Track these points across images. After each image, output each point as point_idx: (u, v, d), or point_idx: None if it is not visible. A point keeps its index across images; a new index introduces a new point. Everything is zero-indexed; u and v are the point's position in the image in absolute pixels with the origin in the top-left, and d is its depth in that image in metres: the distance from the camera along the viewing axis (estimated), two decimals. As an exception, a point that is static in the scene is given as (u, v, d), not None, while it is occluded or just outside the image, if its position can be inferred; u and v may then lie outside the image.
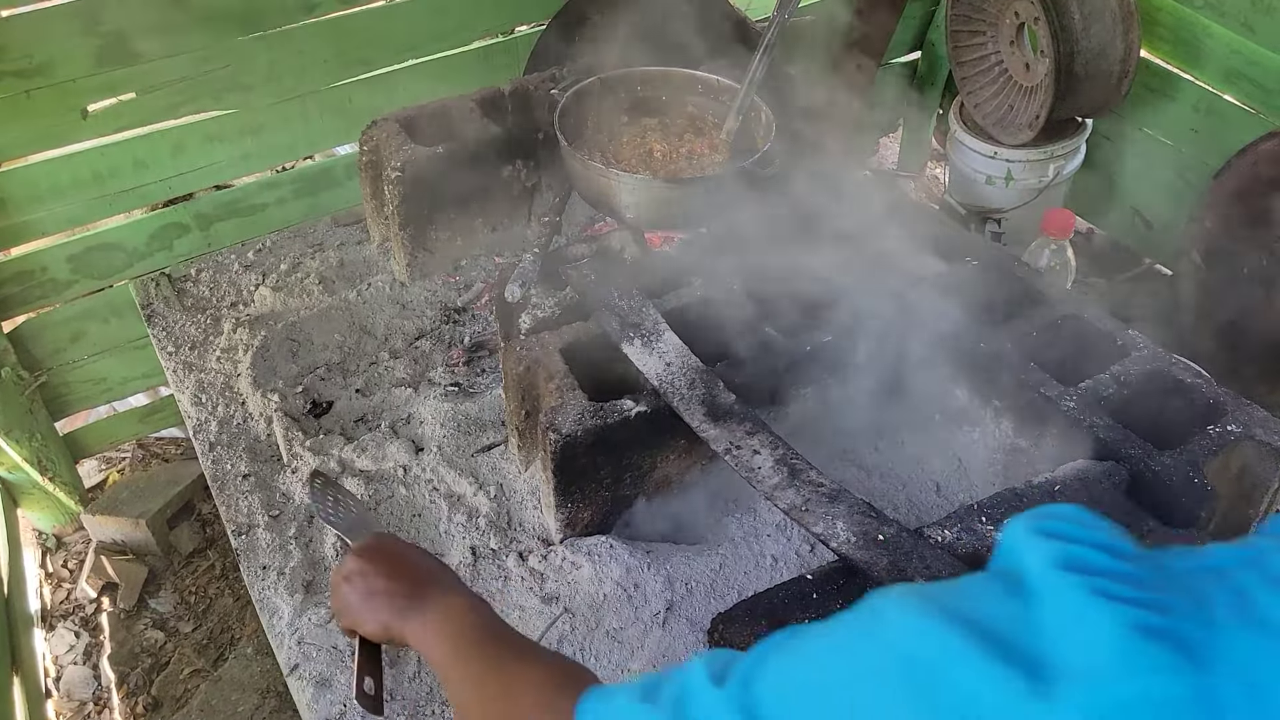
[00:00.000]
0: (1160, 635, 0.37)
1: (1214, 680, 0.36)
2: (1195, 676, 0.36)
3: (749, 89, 1.60)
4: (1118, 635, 0.37)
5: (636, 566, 1.34)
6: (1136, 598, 0.38)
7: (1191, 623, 0.38)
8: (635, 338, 1.35)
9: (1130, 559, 0.41)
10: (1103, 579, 0.39)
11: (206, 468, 1.54)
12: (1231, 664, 0.36)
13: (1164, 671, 0.36)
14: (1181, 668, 0.36)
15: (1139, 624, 0.37)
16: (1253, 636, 0.37)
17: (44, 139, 2.03)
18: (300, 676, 1.26)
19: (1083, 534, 0.42)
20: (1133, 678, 0.36)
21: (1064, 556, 0.41)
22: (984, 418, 1.40)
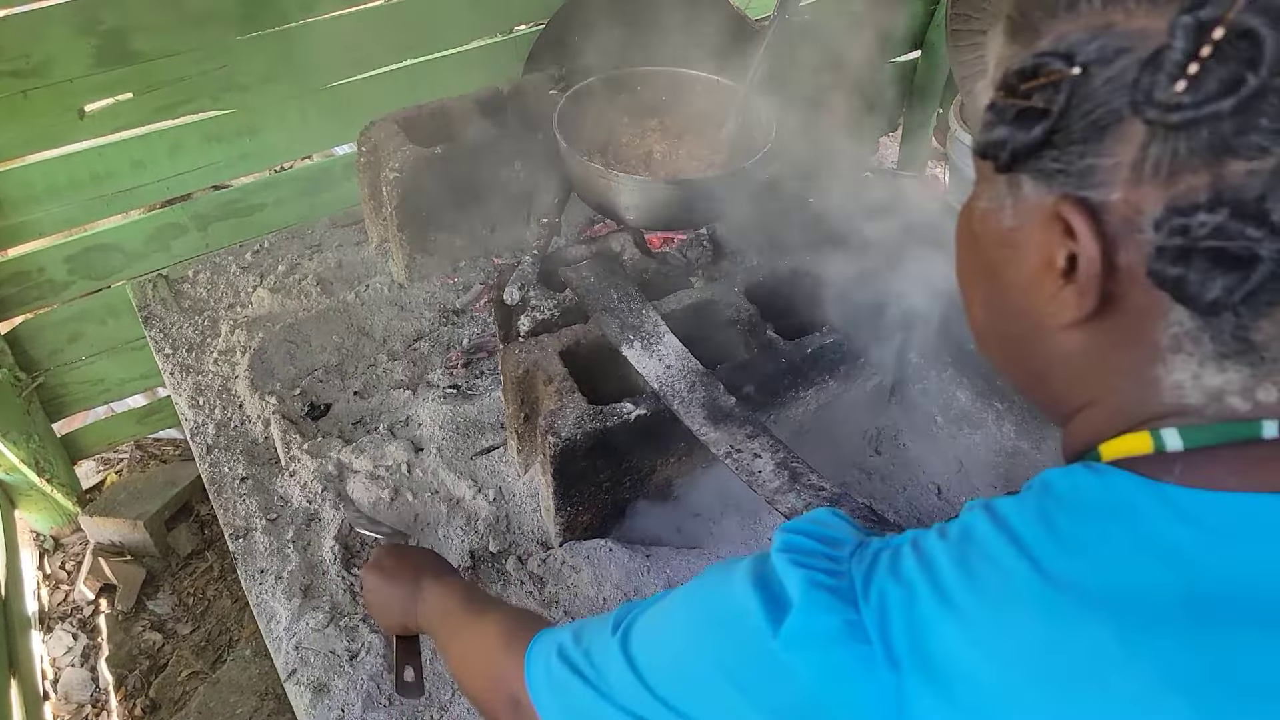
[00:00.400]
0: (827, 589, 0.56)
1: (859, 615, 0.54)
2: (845, 613, 0.55)
3: (749, 88, 1.59)
4: (802, 588, 0.56)
5: (636, 570, 1.33)
6: (819, 565, 0.58)
7: (853, 580, 0.56)
8: (635, 340, 1.34)
9: (830, 544, 0.60)
10: (799, 554, 0.59)
11: (204, 470, 1.53)
12: (870, 604, 0.55)
13: (825, 610, 0.55)
14: (835, 607, 0.55)
15: (814, 581, 0.57)
16: (890, 584, 0.55)
17: (41, 139, 2.02)
18: (298, 682, 1.26)
19: (808, 528, 0.61)
20: (807, 614, 0.56)
21: (784, 543, 0.60)
22: (986, 420, 1.39)
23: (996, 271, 0.60)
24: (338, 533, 1.40)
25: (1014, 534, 0.53)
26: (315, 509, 1.44)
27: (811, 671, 0.55)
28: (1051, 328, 0.57)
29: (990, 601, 0.51)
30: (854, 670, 0.54)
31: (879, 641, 0.53)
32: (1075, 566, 0.51)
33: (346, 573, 1.36)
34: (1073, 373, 0.58)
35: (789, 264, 1.49)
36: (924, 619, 0.53)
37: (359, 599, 1.34)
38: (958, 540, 0.55)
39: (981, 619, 0.51)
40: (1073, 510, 0.53)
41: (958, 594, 0.52)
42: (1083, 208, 0.51)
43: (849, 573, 0.57)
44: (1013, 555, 0.52)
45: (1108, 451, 0.56)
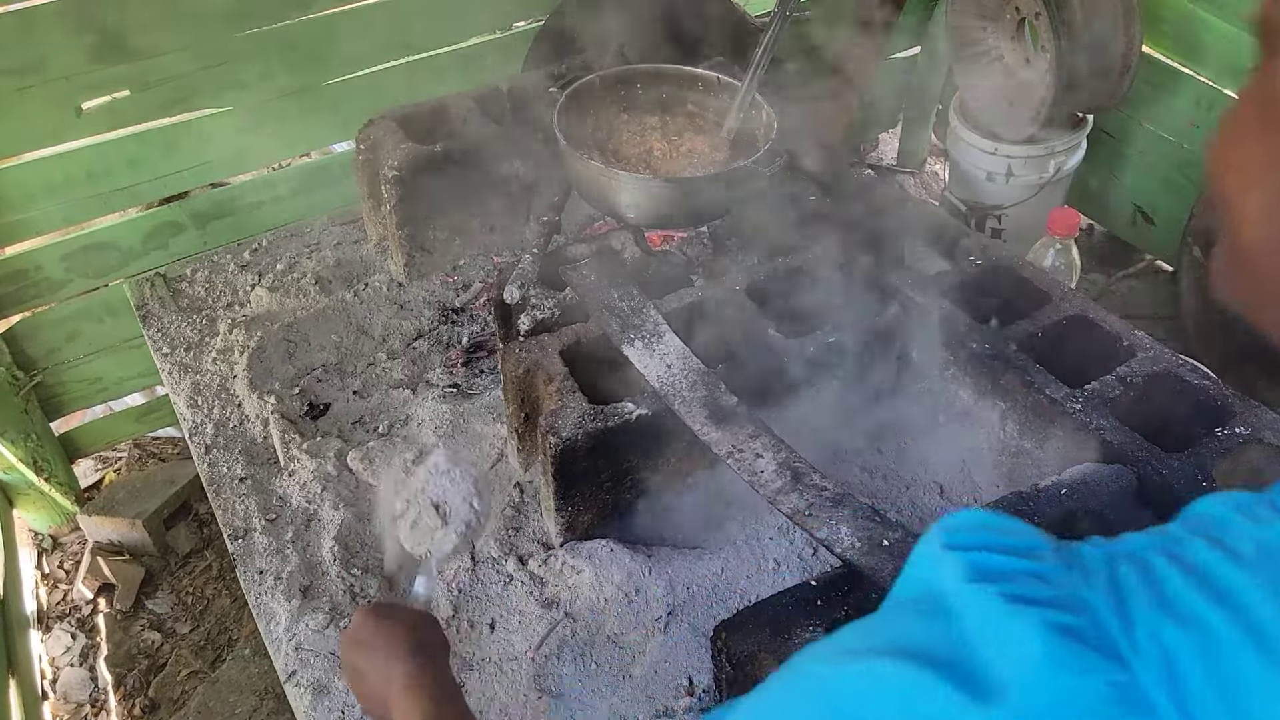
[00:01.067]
0: (1077, 634, 0.38)
1: (1133, 675, 0.37)
2: (1115, 673, 0.37)
3: (750, 86, 1.58)
4: (1038, 639, 0.38)
5: (638, 570, 1.32)
6: (1050, 597, 0.39)
7: (1107, 616, 0.38)
8: (636, 339, 1.33)
9: (1039, 556, 0.42)
10: (1012, 584, 0.40)
11: (202, 470, 1.53)
12: (1149, 657, 0.37)
13: (1085, 672, 0.37)
14: (1100, 665, 0.37)
15: (1055, 624, 0.38)
16: (1169, 627, 0.38)
17: (38, 137, 2.02)
18: (298, 683, 1.25)
19: (989, 540, 0.43)
20: (1056, 679, 0.37)
21: (973, 567, 0.42)
22: (989, 419, 1.38)
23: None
24: (337, 533, 1.39)
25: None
26: (315, 509, 1.44)
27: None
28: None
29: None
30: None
31: (1174, 713, 0.37)
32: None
33: (346, 573, 1.35)
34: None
35: (790, 262, 1.49)
36: (1242, 680, 0.37)
37: (362, 592, 1.33)
38: (1261, 561, 0.39)
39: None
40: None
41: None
42: None
43: (1084, 602, 0.40)
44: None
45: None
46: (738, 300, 1.42)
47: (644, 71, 1.73)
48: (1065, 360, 1.36)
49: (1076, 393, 1.28)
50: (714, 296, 1.43)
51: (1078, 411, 1.26)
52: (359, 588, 1.35)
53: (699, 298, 1.42)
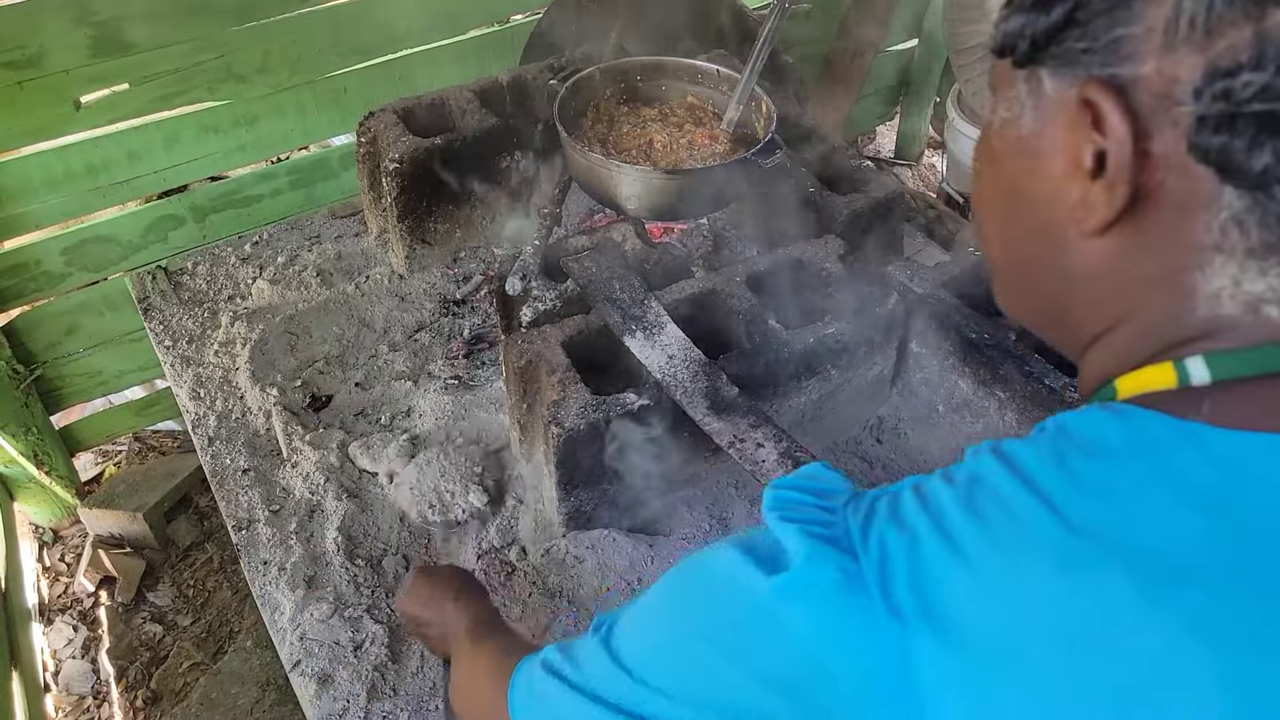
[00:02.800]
0: (826, 540, 0.53)
1: (857, 565, 0.51)
2: (847, 563, 0.51)
3: (749, 78, 1.58)
4: (800, 540, 0.53)
5: (640, 559, 1.33)
6: (809, 518, 0.55)
7: (854, 529, 0.53)
8: (637, 330, 1.34)
9: (829, 496, 0.57)
10: (790, 509, 0.56)
11: (205, 462, 1.53)
12: (869, 552, 0.51)
13: (825, 561, 0.52)
14: (836, 558, 0.51)
15: (810, 533, 0.53)
16: (890, 531, 0.51)
17: (37, 131, 2.02)
18: (302, 672, 1.26)
19: (798, 483, 0.58)
20: (808, 564, 0.52)
21: (773, 500, 0.57)
22: (988, 409, 1.39)
23: (1017, 188, 0.56)
24: (340, 523, 1.40)
25: (1028, 478, 0.49)
26: (318, 500, 1.45)
27: (807, 627, 0.51)
28: (1075, 239, 0.53)
29: (1002, 548, 0.48)
30: (852, 624, 0.50)
31: (879, 592, 0.49)
32: (1095, 512, 0.47)
33: (350, 563, 1.36)
34: (1097, 290, 0.54)
35: (790, 254, 1.49)
36: (929, 567, 0.49)
37: (366, 582, 1.34)
38: (966, 484, 0.51)
39: (992, 567, 0.48)
40: (1092, 452, 0.49)
41: (966, 540, 0.49)
42: (1110, 88, 0.48)
43: (844, 522, 0.54)
44: (1027, 500, 0.48)
45: (1125, 386, 0.52)
46: (738, 291, 1.43)
47: (644, 64, 1.74)
48: (1064, 350, 1.37)
49: (1075, 382, 1.29)
50: (715, 288, 1.43)
51: (1076, 400, 1.27)
52: (362, 578, 1.36)
53: (700, 289, 1.43)
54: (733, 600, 0.55)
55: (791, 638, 0.52)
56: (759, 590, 0.53)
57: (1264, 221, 0.46)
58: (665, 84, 1.74)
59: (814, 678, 0.51)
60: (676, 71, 1.74)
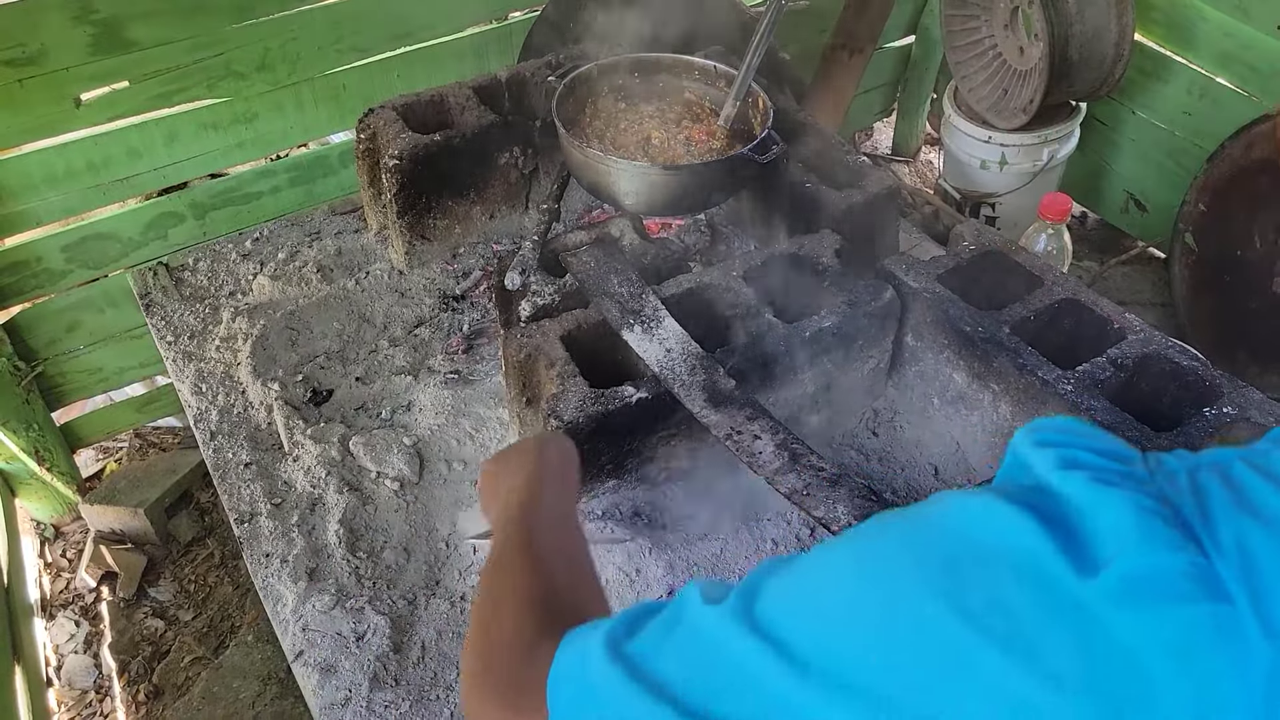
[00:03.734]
0: (1164, 518, 0.41)
1: (1211, 561, 0.40)
2: (1197, 555, 0.40)
3: (746, 74, 1.59)
4: (1130, 515, 0.41)
5: (638, 551, 1.35)
6: (1132, 486, 0.42)
7: (1190, 512, 0.41)
8: (635, 324, 1.35)
9: (1124, 459, 0.45)
10: (1102, 473, 0.43)
11: (208, 457, 1.55)
12: (1227, 551, 0.40)
13: (1174, 549, 0.40)
14: (1186, 545, 0.40)
15: (1143, 506, 0.41)
16: (1249, 525, 0.40)
17: (37, 128, 2.03)
18: (305, 663, 1.27)
19: (1078, 440, 0.46)
20: (1150, 552, 0.40)
21: (1063, 459, 0.44)
22: (982, 401, 1.41)
23: None
24: (342, 516, 1.41)
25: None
26: (319, 493, 1.46)
27: (1147, 636, 0.40)
28: None
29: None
30: (1209, 637, 0.39)
31: (1248, 602, 0.39)
32: None
33: (351, 556, 1.38)
34: None
35: (787, 248, 1.51)
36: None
37: (367, 574, 1.36)
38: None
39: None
40: None
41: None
42: None
43: (1168, 497, 0.42)
44: None
45: None
46: (735, 285, 1.44)
47: (641, 60, 1.75)
48: (1057, 343, 1.39)
49: (1068, 374, 1.31)
50: (712, 282, 1.45)
51: (1069, 393, 1.28)
52: (364, 570, 1.37)
53: (697, 283, 1.44)
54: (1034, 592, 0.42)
55: (1115, 645, 0.40)
56: (1073, 588, 0.41)
57: None
58: (663, 81, 1.75)
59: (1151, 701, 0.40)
60: (674, 68, 1.75)
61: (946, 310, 1.42)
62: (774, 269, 1.49)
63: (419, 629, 1.30)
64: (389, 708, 1.22)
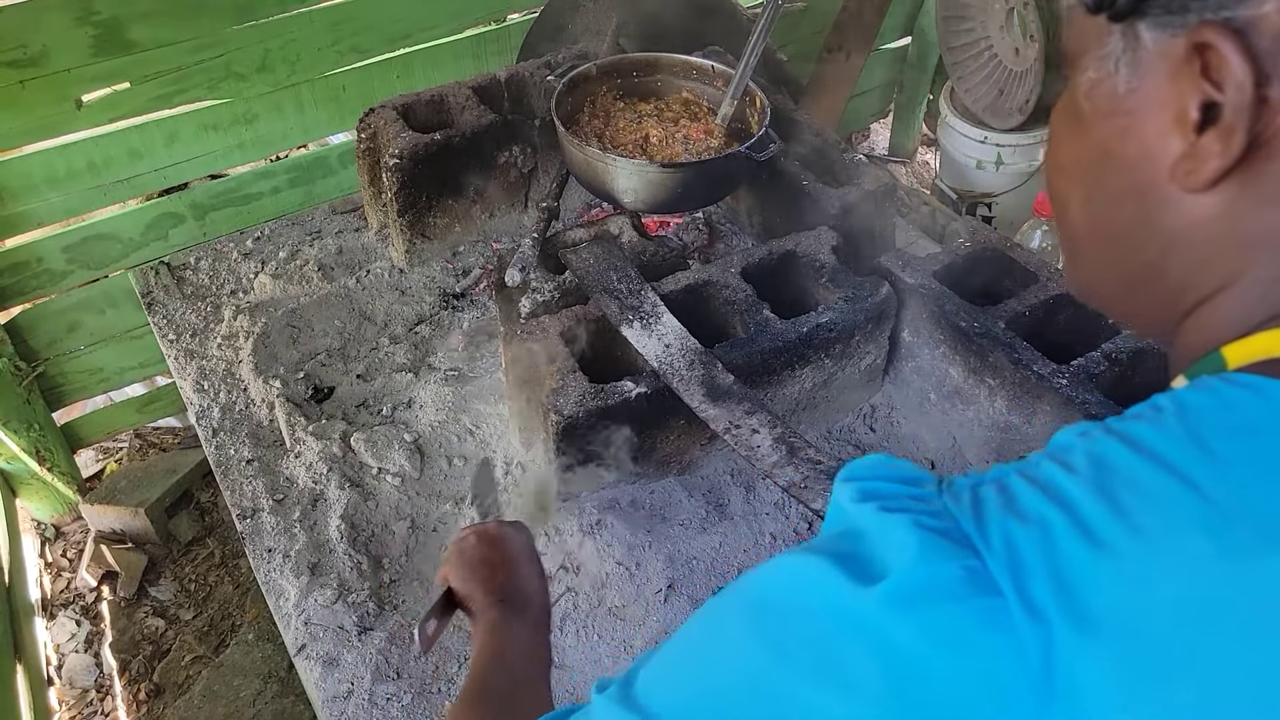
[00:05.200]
0: (941, 532, 0.47)
1: (984, 563, 0.45)
2: (970, 559, 0.45)
3: (744, 73, 1.61)
4: (911, 535, 0.46)
5: (638, 545, 1.36)
6: (916, 508, 0.48)
7: (966, 522, 0.47)
8: (634, 320, 1.37)
9: (919, 484, 0.51)
10: (890, 500, 0.49)
11: (210, 454, 1.56)
12: (996, 550, 0.45)
13: (947, 559, 0.46)
14: (958, 554, 0.46)
15: (922, 525, 0.47)
16: (1014, 525, 0.46)
17: (39, 129, 2.04)
18: (308, 656, 1.28)
19: (879, 472, 0.52)
20: (925, 565, 0.46)
21: (860, 491, 0.51)
22: (978, 396, 1.42)
23: (1106, 151, 0.53)
24: (343, 512, 1.42)
25: (1162, 459, 0.45)
26: (321, 489, 1.47)
27: (924, 636, 0.45)
28: (1177, 197, 0.50)
29: (1147, 537, 0.44)
30: (983, 628, 0.44)
31: (1013, 591, 0.44)
32: (1247, 492, 0.43)
33: (353, 551, 1.39)
34: (1201, 251, 0.50)
35: (784, 245, 1.52)
36: (1068, 561, 0.44)
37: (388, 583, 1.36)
38: (1090, 469, 0.47)
39: (1141, 556, 0.44)
40: (1229, 428, 0.45)
41: (1106, 530, 0.44)
42: (1228, 30, 0.45)
43: (950, 513, 0.48)
44: (1167, 482, 0.45)
45: (1235, 354, 0.49)
46: (733, 282, 1.45)
47: (639, 60, 1.76)
48: (1052, 337, 1.40)
49: (1063, 369, 1.32)
50: (710, 278, 1.46)
51: (1064, 387, 1.30)
52: (365, 565, 1.38)
53: (696, 280, 1.46)
54: (820, 614, 0.47)
55: (902, 650, 0.45)
56: (856, 604, 0.46)
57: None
58: (661, 80, 1.77)
59: (940, 695, 0.45)
60: (672, 67, 1.76)
61: (943, 306, 1.43)
62: (771, 265, 1.50)
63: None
64: (391, 700, 1.24)
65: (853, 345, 1.46)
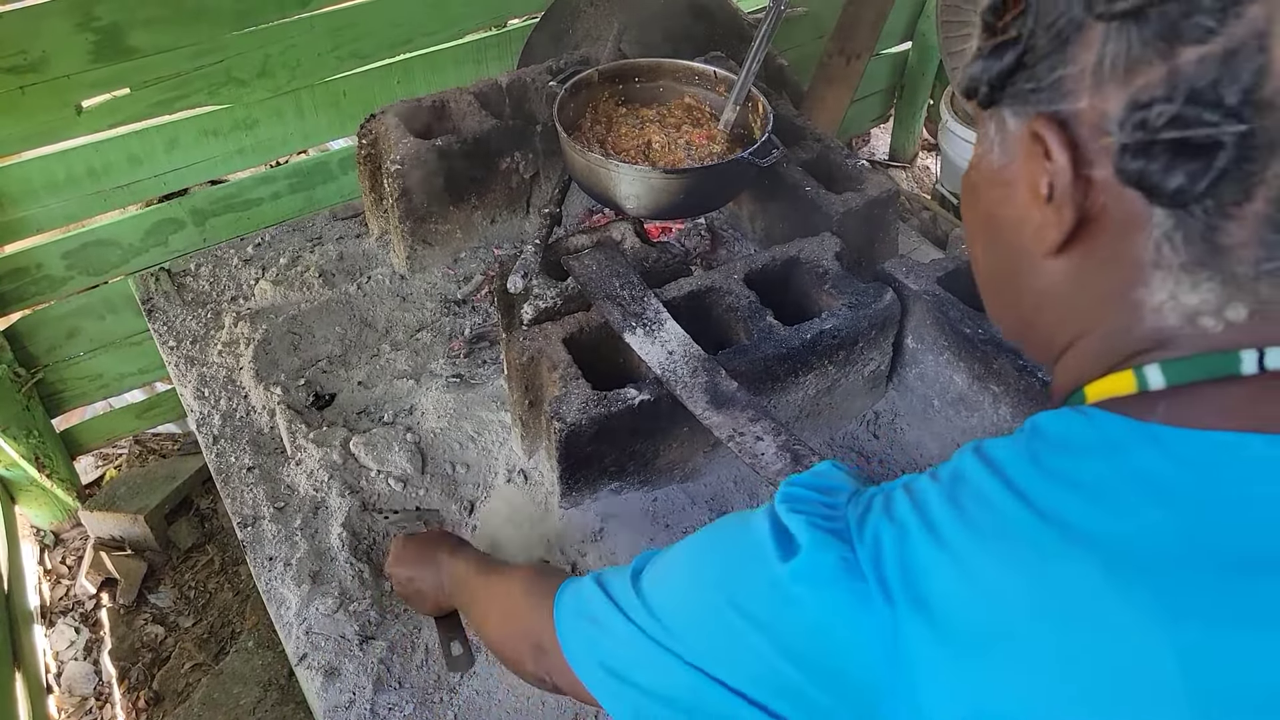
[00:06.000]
0: (827, 530, 0.60)
1: (854, 554, 0.58)
2: (846, 552, 0.58)
3: (746, 79, 1.61)
4: (804, 530, 0.61)
5: (638, 546, 1.35)
6: (816, 511, 0.62)
7: (852, 522, 0.60)
8: (637, 327, 1.36)
9: (833, 493, 0.64)
10: (798, 504, 0.63)
11: (210, 461, 1.55)
12: (865, 542, 0.58)
13: (827, 548, 0.59)
14: (837, 546, 0.59)
15: (814, 524, 0.61)
16: (883, 524, 0.58)
17: (38, 135, 2.03)
18: (309, 665, 1.27)
19: (807, 480, 0.66)
20: (814, 552, 0.59)
21: (783, 495, 0.65)
22: (982, 403, 1.41)
23: (993, 215, 0.62)
24: (345, 519, 1.42)
25: (1003, 473, 0.55)
26: (322, 497, 1.46)
27: (815, 604, 0.58)
28: (1039, 260, 0.59)
29: (980, 538, 0.53)
30: (852, 604, 0.56)
31: (873, 578, 0.56)
32: (1064, 504, 0.52)
33: (355, 559, 1.38)
34: (1060, 306, 0.60)
35: (787, 251, 1.51)
36: (916, 556, 0.55)
37: (389, 591, 1.36)
38: (949, 480, 0.57)
39: (972, 554, 0.53)
40: (1061, 450, 0.55)
41: (949, 531, 0.55)
42: (1054, 122, 0.54)
43: (845, 516, 0.61)
44: (1002, 493, 0.54)
45: (1093, 393, 0.57)
46: (736, 288, 1.45)
47: (641, 65, 1.76)
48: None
49: (1068, 375, 1.31)
50: (713, 285, 1.45)
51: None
52: (367, 573, 1.37)
53: (698, 286, 1.45)
54: (758, 574, 0.62)
55: (803, 613, 0.59)
56: (778, 571, 0.60)
57: (1189, 238, 0.51)
58: (663, 85, 1.76)
59: (824, 650, 0.58)
60: (674, 73, 1.76)
61: (946, 312, 1.42)
62: (774, 272, 1.49)
63: (423, 631, 1.31)
64: (393, 710, 1.23)
65: (856, 352, 1.45)
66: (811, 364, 1.42)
